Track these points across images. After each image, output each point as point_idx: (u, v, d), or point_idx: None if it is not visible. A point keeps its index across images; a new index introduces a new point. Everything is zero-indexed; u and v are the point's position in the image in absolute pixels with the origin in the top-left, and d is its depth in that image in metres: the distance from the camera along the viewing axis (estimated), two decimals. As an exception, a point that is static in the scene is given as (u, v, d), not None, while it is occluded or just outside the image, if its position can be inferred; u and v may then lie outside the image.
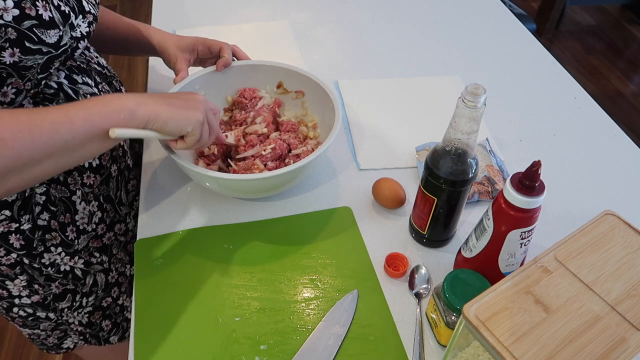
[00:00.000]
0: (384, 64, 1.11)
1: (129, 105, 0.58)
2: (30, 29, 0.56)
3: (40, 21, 0.57)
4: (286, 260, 0.72)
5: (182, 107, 0.63)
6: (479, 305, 0.49)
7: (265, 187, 0.74)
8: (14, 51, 0.55)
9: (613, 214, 0.57)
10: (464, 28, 1.23)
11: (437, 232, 0.72)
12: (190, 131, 0.64)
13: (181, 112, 0.62)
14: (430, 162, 0.66)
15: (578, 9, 3.27)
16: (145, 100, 0.60)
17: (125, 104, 0.58)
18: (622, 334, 0.47)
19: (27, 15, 0.55)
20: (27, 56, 0.57)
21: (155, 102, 0.61)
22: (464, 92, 0.57)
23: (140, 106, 0.59)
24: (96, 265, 0.81)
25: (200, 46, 0.85)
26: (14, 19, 0.54)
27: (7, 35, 0.54)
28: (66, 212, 0.73)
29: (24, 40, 0.56)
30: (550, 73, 1.10)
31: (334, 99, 0.79)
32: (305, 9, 1.28)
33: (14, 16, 0.54)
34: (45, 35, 0.58)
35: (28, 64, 0.58)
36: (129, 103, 0.58)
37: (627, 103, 2.61)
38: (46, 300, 0.78)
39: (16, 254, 0.70)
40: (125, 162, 0.84)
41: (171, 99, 0.63)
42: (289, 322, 0.65)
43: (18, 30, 0.55)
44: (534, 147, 0.92)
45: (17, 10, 0.54)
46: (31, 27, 0.56)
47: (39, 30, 0.57)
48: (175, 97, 0.64)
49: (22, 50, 0.56)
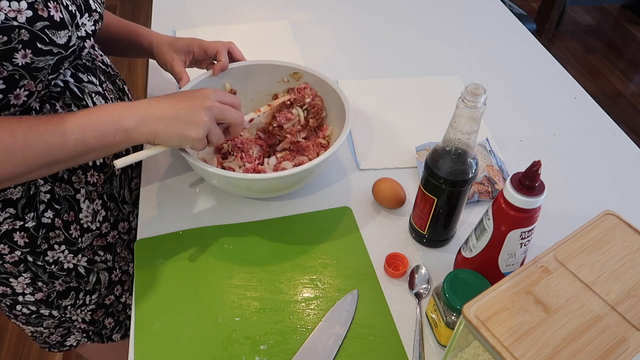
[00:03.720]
0: (384, 64, 1.11)
1: (127, 126, 0.60)
2: (42, 30, 0.56)
3: (52, 22, 0.57)
4: (286, 260, 0.72)
5: (183, 121, 0.63)
6: (479, 305, 0.49)
7: (275, 187, 0.75)
8: (26, 52, 0.56)
9: (613, 214, 0.57)
10: (464, 28, 1.23)
11: (437, 232, 0.72)
12: (190, 147, 0.66)
13: (180, 129, 0.63)
14: (430, 162, 0.66)
15: (578, 9, 3.27)
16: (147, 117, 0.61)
17: (123, 125, 0.60)
18: (622, 334, 0.47)
19: (39, 16, 0.55)
20: (39, 57, 0.57)
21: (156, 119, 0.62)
22: (464, 92, 0.57)
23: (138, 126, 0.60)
24: (100, 264, 0.81)
25: (195, 48, 0.83)
26: (27, 20, 0.54)
27: (21, 37, 0.54)
28: (70, 210, 0.73)
29: (36, 42, 0.56)
30: (550, 73, 1.10)
31: (344, 98, 0.79)
32: (305, 9, 1.28)
33: (28, 17, 0.54)
34: (56, 36, 0.58)
35: (40, 65, 0.58)
36: (128, 124, 0.60)
37: (627, 103, 2.61)
38: (50, 297, 0.78)
39: (20, 251, 0.70)
40: None
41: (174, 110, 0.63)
42: (289, 322, 0.65)
43: (31, 32, 0.55)
44: (534, 147, 0.92)
45: (31, 12, 0.55)
46: (43, 29, 0.56)
47: (50, 31, 0.57)
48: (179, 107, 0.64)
49: (34, 51, 0.56)
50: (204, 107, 0.64)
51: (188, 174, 0.84)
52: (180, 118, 0.63)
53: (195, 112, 0.64)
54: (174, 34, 1.16)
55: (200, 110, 0.64)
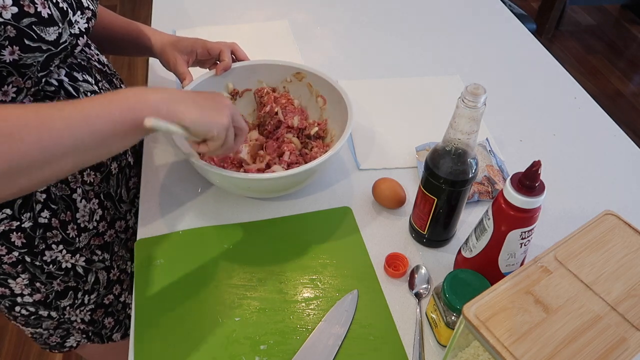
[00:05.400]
0: (384, 64, 1.11)
1: (153, 102, 0.55)
2: (29, 27, 0.56)
3: (39, 18, 0.56)
4: (286, 260, 0.72)
5: (210, 108, 0.61)
6: (479, 305, 0.49)
7: (277, 188, 0.75)
8: (13, 49, 0.55)
9: (613, 214, 0.57)
10: (464, 28, 1.23)
11: (437, 232, 0.72)
12: (215, 135, 0.61)
13: (209, 113, 0.60)
14: (430, 162, 0.66)
15: (578, 9, 3.27)
16: (173, 98, 0.57)
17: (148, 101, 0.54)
18: (622, 334, 0.47)
19: (26, 12, 0.55)
20: (27, 54, 0.57)
21: (184, 100, 0.58)
22: (464, 92, 0.57)
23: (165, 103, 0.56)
24: (98, 263, 0.81)
25: (199, 48, 0.84)
26: (13, 16, 0.54)
27: (7, 33, 0.54)
28: (67, 210, 0.73)
29: (23, 38, 0.55)
30: (550, 73, 1.10)
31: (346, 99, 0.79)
32: (305, 9, 1.28)
33: (13, 14, 0.54)
34: (44, 32, 0.57)
35: (28, 62, 0.58)
36: (153, 99, 0.55)
37: (627, 103, 2.61)
38: (48, 298, 0.78)
39: (18, 252, 0.70)
40: (126, 160, 0.84)
41: (199, 99, 0.61)
42: (289, 322, 0.65)
43: (17, 28, 0.55)
44: (534, 147, 0.92)
45: (16, 8, 0.54)
46: (30, 25, 0.56)
47: (38, 27, 0.56)
48: (203, 97, 0.62)
49: (21, 48, 0.56)
50: (225, 104, 0.63)
51: (188, 175, 0.84)
52: (208, 104, 0.61)
53: (219, 105, 0.62)
54: (173, 33, 1.16)
55: (222, 105, 0.63)
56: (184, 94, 0.60)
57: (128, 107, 0.53)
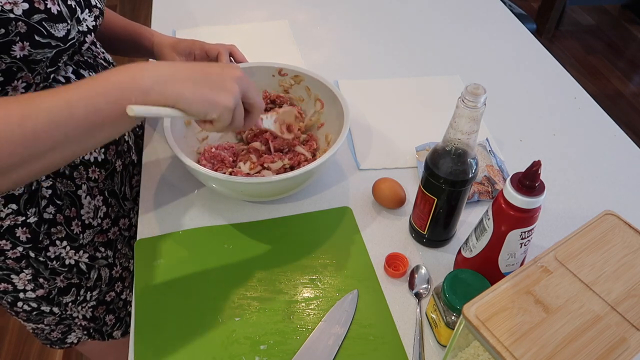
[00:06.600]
0: (384, 64, 1.11)
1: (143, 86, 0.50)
2: (39, 23, 0.56)
3: (49, 15, 0.57)
4: (286, 260, 0.72)
5: (211, 86, 0.55)
6: (479, 305, 0.49)
7: (272, 191, 0.75)
8: (24, 45, 0.56)
9: (613, 214, 0.57)
10: (464, 28, 1.23)
11: (437, 232, 0.72)
12: (216, 118, 0.55)
13: (208, 94, 0.54)
14: (430, 162, 0.66)
15: (578, 9, 3.27)
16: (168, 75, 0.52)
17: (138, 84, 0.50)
18: (622, 334, 0.47)
19: (36, 9, 0.56)
20: (37, 50, 0.57)
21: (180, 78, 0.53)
22: (464, 92, 0.57)
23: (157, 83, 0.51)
24: (101, 260, 0.82)
25: (197, 50, 0.84)
26: (24, 12, 0.55)
27: (18, 29, 0.55)
28: (72, 206, 0.73)
29: (33, 34, 0.56)
30: (550, 73, 1.10)
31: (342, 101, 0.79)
32: (305, 9, 1.28)
33: (24, 10, 0.55)
34: (54, 29, 0.58)
35: (37, 58, 0.58)
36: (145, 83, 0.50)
37: (627, 103, 2.61)
38: (51, 294, 0.78)
39: (22, 247, 0.71)
40: (130, 158, 0.85)
41: (202, 73, 0.55)
42: (289, 322, 0.65)
43: (28, 24, 0.55)
44: (534, 147, 0.92)
45: (27, 4, 0.55)
46: (40, 21, 0.57)
47: (47, 24, 0.57)
48: (207, 71, 0.56)
49: (31, 44, 0.57)
50: (236, 77, 0.57)
51: (188, 174, 0.84)
52: (210, 81, 0.55)
53: (227, 79, 0.56)
54: (173, 34, 1.16)
55: (231, 78, 0.57)
56: (184, 69, 0.55)
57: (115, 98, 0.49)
